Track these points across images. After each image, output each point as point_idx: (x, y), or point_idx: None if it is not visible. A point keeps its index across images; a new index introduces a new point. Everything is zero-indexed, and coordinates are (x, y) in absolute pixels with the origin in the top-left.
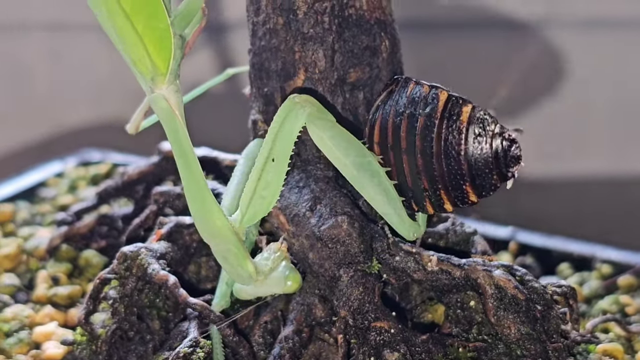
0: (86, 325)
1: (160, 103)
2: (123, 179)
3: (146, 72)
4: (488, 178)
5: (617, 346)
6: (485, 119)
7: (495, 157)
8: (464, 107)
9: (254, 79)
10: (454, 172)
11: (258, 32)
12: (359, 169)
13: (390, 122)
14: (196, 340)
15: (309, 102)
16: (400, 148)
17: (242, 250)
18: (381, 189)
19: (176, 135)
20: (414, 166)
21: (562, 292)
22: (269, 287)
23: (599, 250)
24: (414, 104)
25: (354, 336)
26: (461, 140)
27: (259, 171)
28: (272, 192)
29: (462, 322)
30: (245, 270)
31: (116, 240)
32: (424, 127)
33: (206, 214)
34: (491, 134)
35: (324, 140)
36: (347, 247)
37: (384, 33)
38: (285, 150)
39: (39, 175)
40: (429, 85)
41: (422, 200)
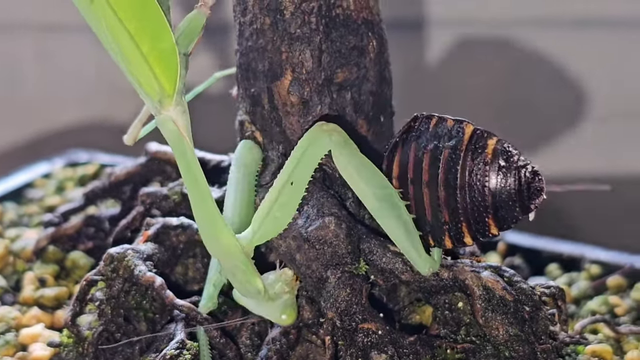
0: (72, 327)
1: (168, 125)
2: (110, 180)
3: (153, 93)
4: (511, 210)
5: (606, 347)
6: (510, 151)
7: (519, 189)
8: (489, 140)
9: (240, 80)
10: (478, 204)
11: (245, 33)
12: (381, 201)
13: (411, 157)
14: (183, 342)
15: (336, 131)
16: (421, 181)
17: (251, 267)
18: (401, 222)
19: (184, 157)
20: (435, 199)
21: (550, 293)
22: (265, 310)
23: (588, 251)
24: (437, 138)
25: (342, 338)
26: (486, 172)
27: (276, 192)
28: (286, 214)
29: (450, 323)
30: (253, 287)
31: (103, 242)
32: (449, 160)
33: (215, 233)
34: (515, 166)
35: (349, 170)
36: (334, 248)
37: (372, 33)
38: (305, 175)
39: (26, 176)
40: (452, 119)
41: (441, 234)
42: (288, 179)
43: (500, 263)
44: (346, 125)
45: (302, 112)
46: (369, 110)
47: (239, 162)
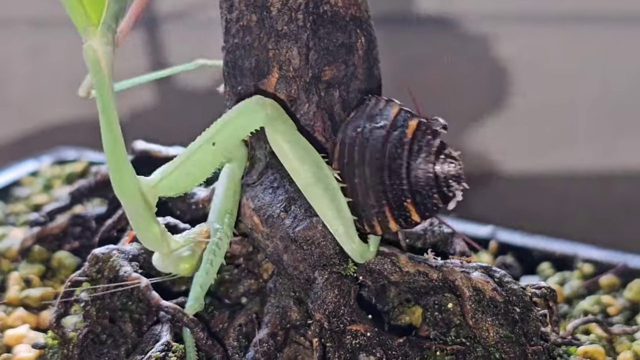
0: (57, 328)
1: (89, 53)
2: (96, 179)
3: (79, 22)
4: (429, 196)
5: (598, 348)
6: (428, 134)
7: (436, 176)
8: (410, 121)
9: (227, 77)
10: (397, 187)
11: (231, 30)
12: (313, 180)
13: (347, 138)
14: (168, 344)
15: (272, 105)
16: (353, 162)
17: (150, 213)
18: (334, 204)
19: (101, 88)
20: (363, 180)
21: (541, 294)
22: (168, 263)
23: (581, 250)
24: (370, 118)
25: (330, 340)
26: (403, 153)
27: (195, 147)
28: (199, 172)
29: (440, 324)
30: (151, 233)
31: (89, 241)
32: (375, 139)
33: (119, 172)
34: (433, 150)
35: (282, 146)
36: (322, 249)
37: (360, 30)
38: (229, 141)
39: (13, 174)
40: (385, 99)
41: (371, 219)
42: (211, 138)
43: (492, 262)
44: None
45: (289, 110)
46: None
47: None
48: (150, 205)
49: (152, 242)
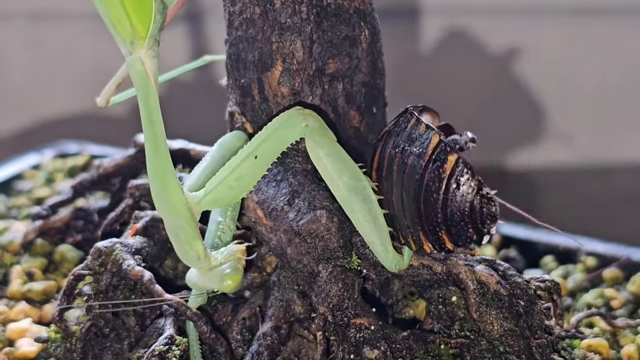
0: (60, 322)
1: (136, 66)
2: (99, 172)
3: (125, 34)
4: (463, 230)
5: (602, 341)
6: (466, 171)
7: (471, 212)
8: (450, 155)
9: (230, 70)
10: (431, 218)
11: (234, 22)
12: (351, 192)
13: (388, 153)
14: (172, 337)
15: (312, 116)
16: (392, 180)
17: (194, 228)
18: (370, 215)
19: (147, 101)
20: (400, 202)
21: (545, 287)
22: (209, 279)
23: (584, 243)
24: (410, 141)
25: (334, 333)
26: (440, 189)
27: (237, 161)
28: (242, 186)
29: (444, 318)
30: (193, 250)
31: (92, 235)
32: (412, 166)
33: (164, 187)
34: (469, 188)
35: (321, 157)
36: (326, 242)
37: (364, 23)
38: (271, 153)
39: (15, 168)
40: (426, 124)
41: (406, 235)
42: (253, 152)
43: (495, 255)
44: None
45: (293, 103)
46: (361, 102)
47: (221, 145)
48: (195, 222)
49: (194, 259)
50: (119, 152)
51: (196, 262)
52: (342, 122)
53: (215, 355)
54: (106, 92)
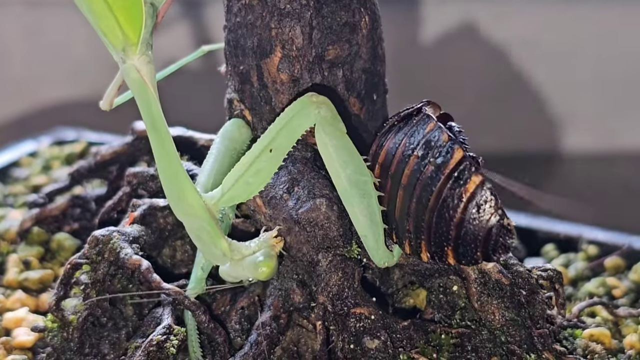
0: (57, 311)
1: (132, 74)
2: (96, 160)
3: (117, 42)
4: (471, 252)
5: (604, 331)
6: (490, 197)
7: (486, 239)
8: (474, 176)
9: (229, 57)
10: (441, 232)
11: (233, 8)
12: (352, 185)
13: (398, 152)
14: (170, 327)
15: (325, 104)
16: (399, 182)
17: (216, 228)
18: (368, 211)
19: (148, 108)
20: (406, 206)
21: (547, 276)
22: (243, 269)
23: (586, 231)
24: (428, 147)
25: (333, 322)
26: (459, 208)
27: (253, 157)
28: (258, 181)
29: (445, 307)
30: (218, 249)
31: (89, 223)
32: (429, 177)
33: (179, 191)
34: (490, 215)
35: (328, 147)
36: (325, 231)
37: (364, 9)
38: (286, 145)
39: (12, 155)
40: (448, 134)
41: (403, 237)
42: (268, 145)
43: None
44: (338, 99)
45: (292, 90)
46: (361, 89)
47: (224, 136)
48: (216, 221)
49: (220, 257)
50: (116, 139)
51: (223, 259)
52: (342, 109)
53: (213, 345)
54: (108, 95)
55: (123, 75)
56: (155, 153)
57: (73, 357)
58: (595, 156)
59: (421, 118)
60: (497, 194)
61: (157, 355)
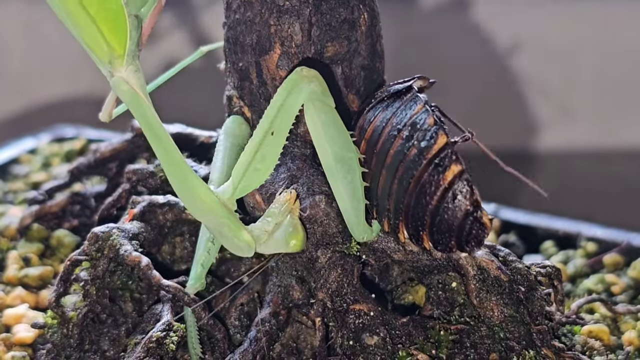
0: (57, 308)
1: (121, 86)
2: (95, 157)
3: (103, 55)
4: (445, 240)
5: (602, 327)
6: (467, 189)
7: (459, 229)
8: (453, 165)
9: (228, 54)
10: (417, 217)
11: (232, 5)
12: (338, 161)
13: (385, 131)
14: (169, 324)
15: (316, 79)
16: (384, 160)
17: (236, 221)
18: (351, 186)
19: (144, 116)
20: (387, 185)
21: (546, 273)
22: (275, 247)
23: (584, 228)
24: (413, 129)
25: (333, 319)
26: (435, 195)
27: (256, 144)
28: (267, 165)
29: (444, 303)
30: (242, 241)
31: (89, 219)
32: (411, 160)
33: (191, 191)
34: (464, 207)
35: (316, 122)
36: (324, 228)
37: (363, 5)
38: (286, 124)
39: (12, 152)
40: (435, 118)
41: (382, 215)
42: (269, 129)
43: (495, 240)
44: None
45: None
46: (360, 85)
47: (227, 133)
48: (234, 214)
49: (245, 249)
50: (116, 136)
51: (249, 251)
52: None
53: (213, 341)
54: (107, 107)
55: (113, 89)
56: (160, 159)
57: (73, 353)
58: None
59: (410, 97)
60: (475, 187)
61: (157, 352)
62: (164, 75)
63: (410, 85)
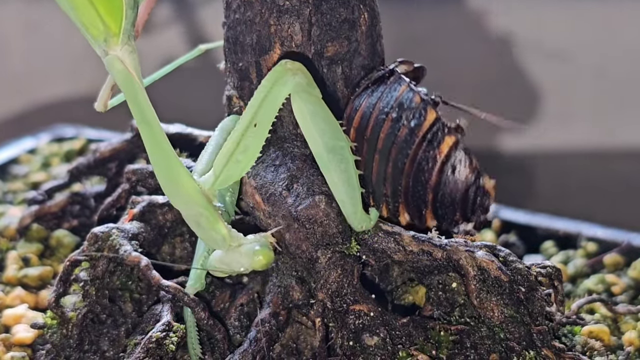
0: (56, 308)
1: (116, 65)
2: (95, 157)
3: (98, 34)
4: (450, 214)
5: (603, 327)
6: (465, 158)
7: (463, 200)
8: (447, 137)
9: (228, 54)
10: (418, 195)
11: (232, 5)
12: (330, 152)
13: (373, 115)
14: (169, 324)
15: (301, 71)
16: (375, 146)
17: (214, 212)
18: (346, 176)
19: (135, 98)
20: (382, 170)
21: (546, 273)
22: (240, 256)
23: (585, 228)
24: (401, 109)
25: (332, 319)
26: (434, 170)
27: (239, 135)
28: (248, 157)
29: (444, 304)
30: (218, 234)
31: (88, 220)
32: (403, 140)
33: (173, 178)
34: (465, 176)
35: (304, 114)
36: (324, 228)
37: (363, 5)
38: (269, 116)
39: (11, 152)
40: (421, 96)
41: (380, 201)
42: (251, 120)
43: (495, 241)
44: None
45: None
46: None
47: (223, 129)
48: (213, 206)
49: (220, 242)
50: (115, 136)
51: (224, 244)
52: (341, 106)
53: (213, 342)
54: (102, 96)
55: (107, 68)
56: (146, 144)
57: (72, 354)
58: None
59: (394, 80)
60: (472, 154)
61: (157, 352)
62: (161, 71)
63: (392, 69)
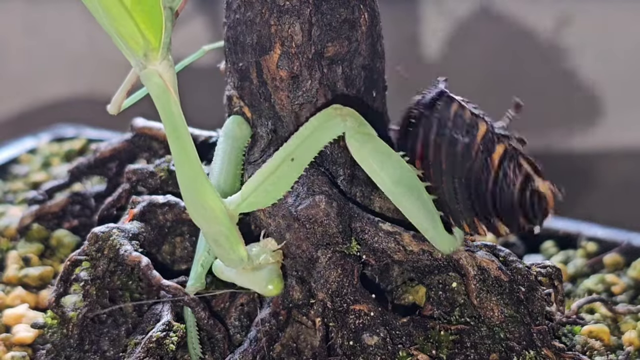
0: (57, 308)
1: (154, 79)
2: (95, 156)
3: (137, 48)
4: (515, 219)
5: (603, 327)
6: (514, 164)
7: (521, 205)
8: (498, 146)
9: (228, 54)
10: (483, 206)
11: (232, 5)
12: (398, 184)
13: (432, 140)
14: (169, 323)
15: (350, 115)
16: (440, 168)
17: (235, 234)
18: (419, 203)
19: (169, 113)
20: (451, 189)
21: (546, 273)
22: (249, 281)
23: (585, 228)
24: (456, 128)
25: (333, 319)
26: (489, 179)
27: (274, 165)
28: (278, 189)
29: (444, 303)
30: (236, 255)
31: (89, 219)
32: (462, 156)
33: (200, 196)
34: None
35: (364, 155)
36: (325, 228)
37: (363, 5)
38: (308, 155)
39: (12, 152)
40: (471, 111)
41: (459, 219)
42: (290, 154)
43: (495, 240)
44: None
45: (292, 87)
46: (360, 85)
47: (227, 135)
48: (235, 227)
49: (237, 262)
50: (116, 136)
51: (240, 265)
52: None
53: (213, 342)
54: (117, 100)
55: (143, 81)
56: (175, 158)
57: (73, 353)
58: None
59: (445, 101)
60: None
61: (157, 352)
62: None
63: (441, 90)
